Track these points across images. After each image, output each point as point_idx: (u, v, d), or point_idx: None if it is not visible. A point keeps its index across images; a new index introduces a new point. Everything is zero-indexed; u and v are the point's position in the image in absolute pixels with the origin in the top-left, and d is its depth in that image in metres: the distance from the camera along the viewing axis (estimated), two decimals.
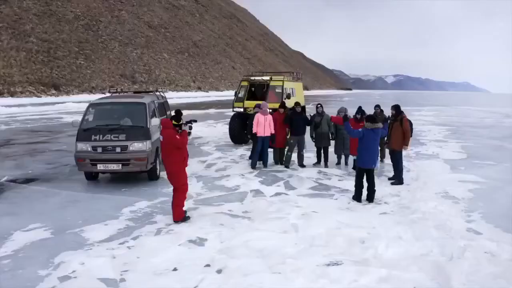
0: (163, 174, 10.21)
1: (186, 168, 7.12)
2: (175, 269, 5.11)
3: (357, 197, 8.16)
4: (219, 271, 5.04)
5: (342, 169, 11.10)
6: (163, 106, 11.42)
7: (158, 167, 9.93)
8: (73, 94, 52.23)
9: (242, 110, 14.92)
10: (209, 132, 19.52)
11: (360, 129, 8.15)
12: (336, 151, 11.46)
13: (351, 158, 11.07)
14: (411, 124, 10.07)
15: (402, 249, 5.64)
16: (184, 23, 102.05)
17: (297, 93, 17.08)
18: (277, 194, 8.59)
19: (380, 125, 8.11)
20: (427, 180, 9.89)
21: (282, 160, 11.50)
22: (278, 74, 16.93)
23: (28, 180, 9.84)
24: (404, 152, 9.90)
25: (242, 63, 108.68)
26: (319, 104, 11.61)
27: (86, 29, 67.15)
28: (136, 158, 8.86)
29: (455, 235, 6.17)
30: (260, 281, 4.75)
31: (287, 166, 11.25)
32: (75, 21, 65.41)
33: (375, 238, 6.01)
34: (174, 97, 59.11)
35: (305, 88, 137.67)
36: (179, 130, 6.92)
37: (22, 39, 50.17)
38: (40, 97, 45.24)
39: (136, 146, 8.92)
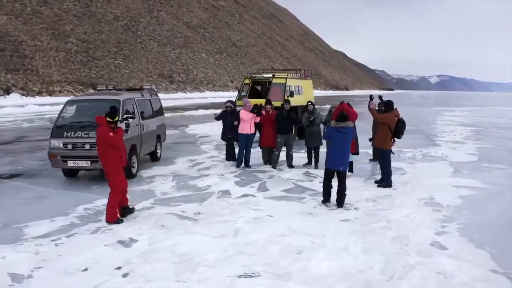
0: (145, 172, 10.14)
1: (172, 167, 6.88)
2: (85, 269, 4.93)
3: (324, 200, 7.57)
4: (125, 275, 4.76)
5: None
6: (150, 103, 11.19)
7: (135, 165, 9.75)
8: None
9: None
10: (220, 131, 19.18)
11: (326, 129, 7.57)
12: None
13: None
14: (402, 123, 9.26)
15: (340, 263, 5.02)
16: (223, 23, 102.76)
17: (305, 91, 16.48)
18: (244, 195, 8.13)
19: (349, 123, 7.45)
20: (417, 184, 9.09)
21: (270, 160, 11.00)
22: (283, 71, 16.39)
23: (12, 176, 9.93)
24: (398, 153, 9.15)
25: (281, 63, 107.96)
26: (309, 102, 11.01)
27: (125, 29, 68.95)
28: None
29: (411, 250, 5.43)
30: None
31: (274, 167, 10.74)
32: (115, 22, 67.34)
33: (317, 249, 5.43)
34: (209, 97, 59.78)
35: (345, 88, 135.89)
36: (114, 128, 6.64)
37: (62, 39, 52.14)
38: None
39: None
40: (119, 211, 6.82)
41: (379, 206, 7.42)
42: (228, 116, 10.62)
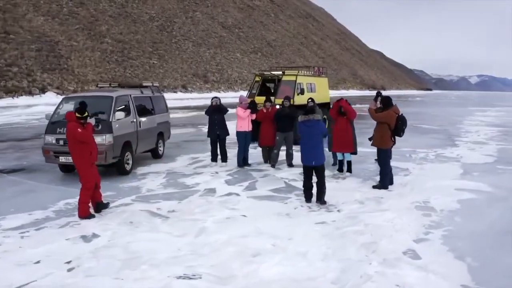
0: (142, 169, 10.12)
1: (171, 164, 6.88)
2: (37, 262, 4.97)
3: (306, 200, 7.29)
4: (70, 269, 4.75)
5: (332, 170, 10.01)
6: (150, 100, 11.16)
7: (130, 161, 9.74)
8: None
9: None
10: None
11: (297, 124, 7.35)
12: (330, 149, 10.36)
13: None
14: (403, 121, 8.72)
15: (292, 269, 4.68)
16: (259, 23, 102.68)
17: (319, 88, 16.04)
18: (228, 194, 7.91)
19: (315, 117, 7.15)
20: (417, 186, 8.54)
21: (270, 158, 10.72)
22: (294, 68, 16.01)
23: (14, 171, 10.18)
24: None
25: (316, 63, 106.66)
26: (310, 99, 10.62)
27: (161, 29, 70.16)
28: None
29: (376, 258, 4.98)
30: (97, 285, 4.35)
31: (273, 165, 10.44)
32: (150, 22, 68.68)
33: (275, 252, 5.13)
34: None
35: (382, 88, 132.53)
36: (84, 123, 6.59)
37: (98, 39, 53.71)
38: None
39: (96, 139, 8.70)
40: (93, 206, 6.81)
41: (365, 209, 6.99)
42: (214, 112, 10.32)
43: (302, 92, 14.18)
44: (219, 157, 10.59)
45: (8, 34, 41.15)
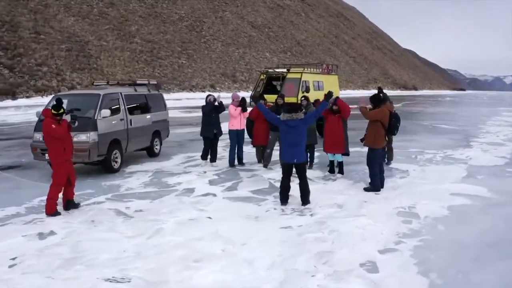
0: (132, 167, 10.05)
1: (163, 163, 6.84)
2: None
3: (281, 201, 6.98)
4: (11, 266, 4.78)
5: (324, 171, 9.60)
6: (145, 98, 11.06)
7: (118, 160, 9.66)
8: (173, 92, 55.26)
9: None
10: None
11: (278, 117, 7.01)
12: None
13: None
14: (396, 118, 8.22)
15: (230, 277, 4.37)
16: (289, 23, 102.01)
17: (327, 86, 15.54)
18: (205, 194, 7.68)
19: (298, 116, 6.77)
20: (409, 189, 8.02)
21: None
22: (300, 66, 15.60)
23: (9, 167, 10.35)
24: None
25: (346, 62, 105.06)
26: (303, 97, 10.25)
27: (190, 29, 70.82)
28: (77, 149, 8.65)
29: (326, 270, 4.52)
30: (28, 282, 4.32)
31: (265, 165, 10.13)
32: (179, 22, 69.42)
33: (221, 258, 4.84)
34: None
35: (413, 87, 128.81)
36: (59, 120, 6.56)
37: (127, 39, 54.71)
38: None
39: (79, 137, 8.75)
40: (63, 203, 6.79)
41: (341, 213, 6.56)
42: (213, 110, 10.07)
43: (307, 90, 13.78)
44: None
45: (39, 34, 42.50)
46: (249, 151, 11.38)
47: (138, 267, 4.55)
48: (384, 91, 9.79)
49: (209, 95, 10.54)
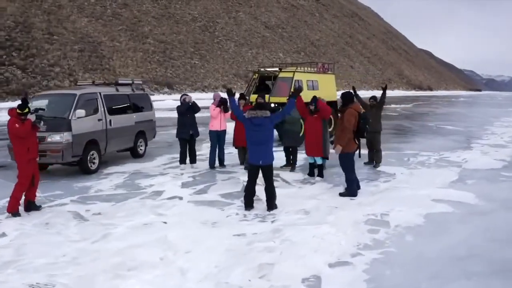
0: (111, 168, 9.88)
1: (144, 164, 6.69)
2: None
3: (245, 205, 6.70)
4: None
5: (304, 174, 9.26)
6: (128, 98, 10.90)
7: (96, 161, 9.51)
8: (187, 91, 55.49)
9: None
10: None
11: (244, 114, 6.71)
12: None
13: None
14: (364, 119, 7.76)
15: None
16: (303, 23, 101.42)
17: (323, 86, 15.19)
18: (171, 198, 7.44)
19: (263, 113, 6.46)
20: (387, 195, 7.58)
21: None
22: (293, 65, 15.25)
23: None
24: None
25: (361, 62, 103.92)
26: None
27: (203, 30, 71.00)
28: (51, 149, 8.60)
29: (261, 284, 4.20)
30: None
31: (246, 168, 9.80)
32: (193, 23, 69.66)
33: (156, 267, 4.57)
34: None
35: (428, 88, 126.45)
36: (24, 119, 6.50)
37: (140, 40, 55.13)
38: (153, 95, 49.10)
39: (53, 137, 8.66)
40: (24, 204, 6.70)
41: (304, 220, 6.21)
42: (188, 110, 9.78)
43: (300, 89, 13.37)
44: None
45: (52, 35, 43.12)
46: (234, 152, 11.09)
47: (68, 273, 4.38)
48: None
49: (184, 94, 10.31)
